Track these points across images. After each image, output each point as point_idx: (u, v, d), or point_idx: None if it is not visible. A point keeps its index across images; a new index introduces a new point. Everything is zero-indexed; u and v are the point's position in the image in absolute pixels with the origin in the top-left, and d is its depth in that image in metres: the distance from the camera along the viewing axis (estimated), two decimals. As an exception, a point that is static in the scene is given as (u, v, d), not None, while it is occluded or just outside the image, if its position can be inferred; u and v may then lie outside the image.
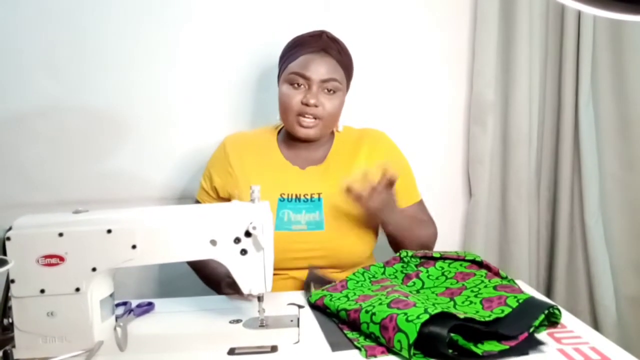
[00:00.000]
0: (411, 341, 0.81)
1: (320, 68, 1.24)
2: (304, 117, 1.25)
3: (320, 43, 1.26)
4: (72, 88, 1.59)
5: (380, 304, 0.92)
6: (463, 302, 0.98)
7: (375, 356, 0.85)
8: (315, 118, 1.25)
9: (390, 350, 0.86)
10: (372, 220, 1.28)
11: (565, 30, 1.65)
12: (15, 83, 1.57)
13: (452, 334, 0.82)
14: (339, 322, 0.98)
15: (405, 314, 0.85)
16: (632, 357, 0.82)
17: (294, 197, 1.27)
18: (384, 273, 1.14)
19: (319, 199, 1.26)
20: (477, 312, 0.93)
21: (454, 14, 1.69)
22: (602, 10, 0.63)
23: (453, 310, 0.90)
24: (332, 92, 1.26)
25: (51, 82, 1.57)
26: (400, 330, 0.83)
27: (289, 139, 1.34)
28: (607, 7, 0.62)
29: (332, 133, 1.38)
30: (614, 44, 1.62)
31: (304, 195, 1.27)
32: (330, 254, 1.24)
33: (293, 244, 1.23)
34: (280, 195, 1.27)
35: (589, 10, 0.64)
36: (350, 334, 0.93)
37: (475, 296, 0.98)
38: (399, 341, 0.83)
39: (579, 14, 1.62)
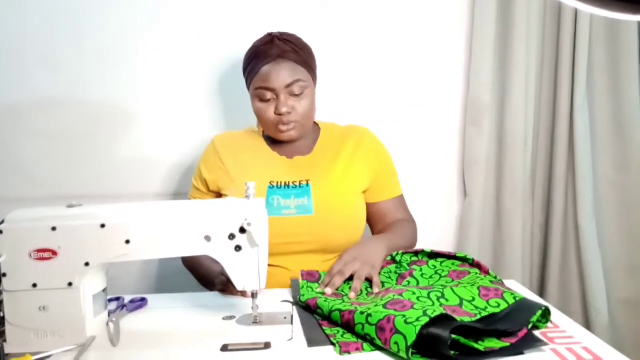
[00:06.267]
0: (409, 343, 0.80)
1: (280, 76, 1.25)
2: (282, 124, 1.27)
3: (274, 50, 1.26)
4: (70, 84, 1.58)
5: (376, 305, 0.91)
6: (461, 286, 0.98)
7: (349, 352, 0.86)
8: (291, 122, 1.28)
9: (364, 348, 0.86)
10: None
11: (562, 33, 1.65)
12: (13, 79, 1.56)
13: (452, 335, 0.81)
14: (320, 319, 0.98)
15: (404, 316, 0.84)
16: (624, 357, 0.82)
17: (283, 184, 1.29)
18: (379, 274, 1.14)
19: (307, 185, 1.29)
20: (474, 299, 0.93)
21: (452, 16, 1.69)
22: (600, 9, 0.63)
23: (452, 296, 0.92)
24: (300, 93, 1.27)
25: (49, 77, 1.57)
26: (398, 332, 0.82)
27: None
28: (604, 6, 0.62)
29: (317, 126, 1.41)
30: (610, 46, 1.63)
31: (293, 182, 1.29)
32: (320, 238, 1.26)
33: (284, 229, 1.24)
34: (270, 183, 1.29)
35: (587, 9, 0.64)
36: (329, 330, 0.93)
37: (472, 285, 0.98)
38: (396, 343, 0.82)
39: (576, 18, 1.62)
